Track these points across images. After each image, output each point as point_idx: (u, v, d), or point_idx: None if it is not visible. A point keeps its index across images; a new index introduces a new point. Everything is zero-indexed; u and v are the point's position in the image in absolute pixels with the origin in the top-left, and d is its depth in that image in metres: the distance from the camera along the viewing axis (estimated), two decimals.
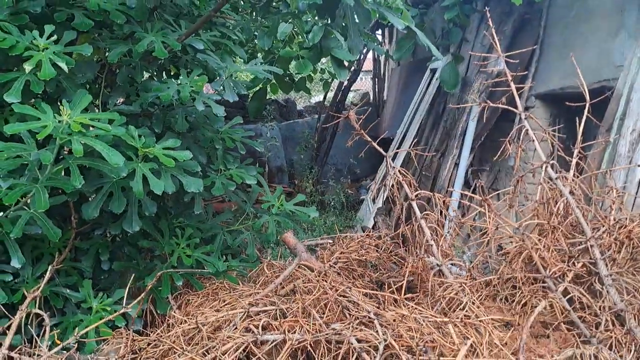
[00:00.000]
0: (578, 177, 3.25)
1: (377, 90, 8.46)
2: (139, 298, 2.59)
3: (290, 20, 3.21)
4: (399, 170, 3.16)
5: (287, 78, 5.20)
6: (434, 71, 6.03)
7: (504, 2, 5.58)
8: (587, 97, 3.66)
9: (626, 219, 2.76)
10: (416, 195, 3.05)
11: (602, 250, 2.65)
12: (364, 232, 5.13)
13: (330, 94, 8.21)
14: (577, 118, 3.63)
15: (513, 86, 3.19)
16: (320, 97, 9.18)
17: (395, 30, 8.24)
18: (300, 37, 4.03)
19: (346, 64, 3.67)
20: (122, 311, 2.61)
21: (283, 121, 8.91)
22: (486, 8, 4.26)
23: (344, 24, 2.95)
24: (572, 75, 4.77)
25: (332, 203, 7.09)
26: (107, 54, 2.86)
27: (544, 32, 5.29)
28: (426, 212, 2.97)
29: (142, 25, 2.95)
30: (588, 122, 4.24)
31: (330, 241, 3.33)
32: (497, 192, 3.51)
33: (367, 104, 8.67)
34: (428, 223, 2.94)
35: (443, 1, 5.02)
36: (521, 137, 3.13)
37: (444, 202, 2.90)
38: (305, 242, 3.63)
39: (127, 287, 2.66)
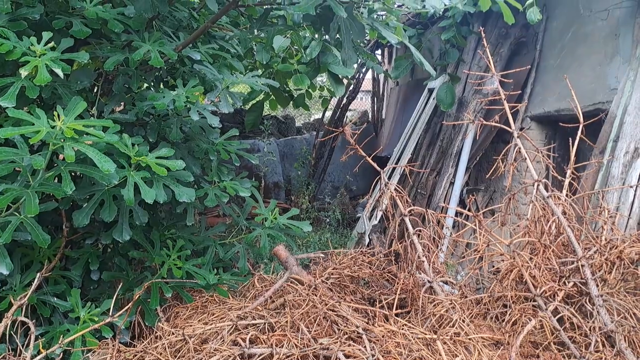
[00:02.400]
0: (570, 197, 3.25)
1: (375, 109, 8.51)
2: (125, 308, 2.57)
3: (287, 35, 3.24)
4: (393, 187, 3.16)
5: (286, 94, 5.23)
6: (431, 90, 6.07)
7: (500, 25, 5.65)
8: (581, 119, 3.69)
9: (617, 239, 2.76)
10: (409, 211, 3.05)
11: (593, 271, 2.64)
12: (358, 248, 5.12)
13: (330, 113, 8.26)
14: (570, 139, 3.65)
15: (506, 105, 3.21)
16: (320, 115, 9.22)
17: (394, 50, 8.32)
18: (299, 52, 4.07)
19: (344, 81, 3.71)
20: (107, 321, 2.59)
21: (281, 137, 8.94)
22: (481, 28, 4.31)
23: (338, 37, 2.98)
24: (567, 98, 4.82)
25: (328, 220, 7.08)
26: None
27: (540, 55, 5.34)
28: (419, 228, 2.96)
29: (139, 35, 2.98)
30: (582, 144, 4.27)
31: (323, 255, 3.31)
32: (489, 209, 3.51)
33: (366, 122, 8.71)
34: (420, 239, 2.94)
35: (440, 22, 5.08)
36: (513, 155, 3.13)
37: (437, 219, 2.89)
38: (297, 256, 3.62)
39: (115, 297, 2.64)
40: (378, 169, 3.61)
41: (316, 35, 3.42)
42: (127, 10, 2.85)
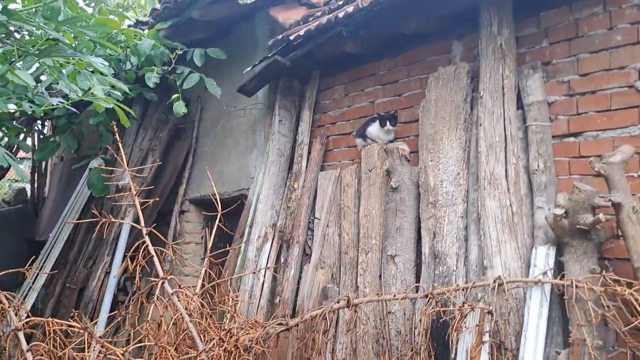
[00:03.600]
0: (204, 285, 3.40)
1: (36, 185, 7.70)
2: None
3: None
4: (4, 295, 2.80)
5: None
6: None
7: (161, 110, 5.83)
8: (219, 207, 3.95)
9: (236, 327, 2.97)
10: (26, 323, 2.74)
11: None
12: None
13: None
14: (219, 224, 3.86)
15: (137, 201, 3.24)
16: None
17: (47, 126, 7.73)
18: None
19: None
20: None
21: None
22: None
23: None
24: (220, 183, 5.19)
25: None
26: None
27: (197, 142, 5.67)
28: (35, 343, 2.67)
29: None
30: (233, 228, 4.63)
31: None
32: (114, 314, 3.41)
33: (24, 202, 7.80)
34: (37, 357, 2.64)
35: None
36: (141, 252, 3.13)
37: (53, 330, 2.64)
38: None
39: None
40: None
41: None
42: None
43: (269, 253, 4.15)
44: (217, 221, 3.92)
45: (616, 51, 2.73)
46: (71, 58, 3.18)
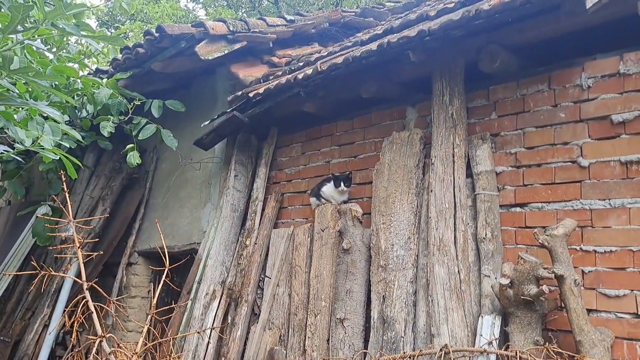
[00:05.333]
0: (146, 344, 3.24)
1: None
2: None
3: None
4: None
5: None
6: None
7: (115, 159, 5.72)
8: (167, 261, 3.81)
9: None
10: None
11: None
12: None
13: None
14: (166, 280, 3.73)
15: (80, 253, 3.12)
16: None
17: None
18: None
19: None
20: None
21: None
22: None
23: None
24: (170, 236, 5.07)
25: None
26: None
27: (150, 193, 5.56)
28: None
29: None
30: (183, 283, 4.48)
31: None
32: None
33: None
34: None
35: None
36: (81, 307, 2.98)
37: None
38: None
39: None
40: None
41: None
42: None
43: (216, 311, 4.03)
44: (164, 276, 3.80)
45: (560, 127, 2.85)
46: (21, 105, 3.11)
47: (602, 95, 2.73)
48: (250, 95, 4.05)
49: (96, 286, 3.33)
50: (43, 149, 3.06)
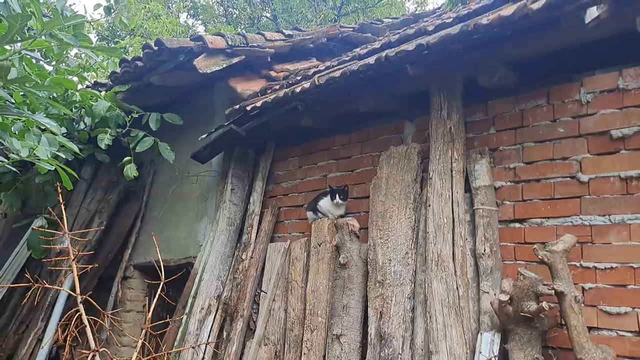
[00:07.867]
0: (140, 359, 3.19)
1: None
2: None
3: None
4: None
5: None
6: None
7: (112, 172, 5.69)
8: (162, 275, 3.77)
9: None
10: None
11: None
12: None
13: None
14: (161, 293, 3.68)
15: (75, 267, 3.07)
16: None
17: None
18: None
19: None
20: None
21: None
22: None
23: None
24: (167, 250, 5.02)
25: None
26: None
27: (146, 206, 5.53)
28: None
29: None
30: (178, 297, 4.42)
31: None
32: None
33: None
34: None
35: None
36: (74, 321, 2.94)
37: None
38: None
39: None
40: None
41: None
42: None
43: (212, 326, 3.97)
44: (159, 290, 3.75)
45: (559, 142, 2.84)
46: (18, 116, 3.09)
47: (602, 111, 2.72)
48: (248, 108, 4.04)
49: (90, 300, 3.28)
50: (39, 159, 3.03)
